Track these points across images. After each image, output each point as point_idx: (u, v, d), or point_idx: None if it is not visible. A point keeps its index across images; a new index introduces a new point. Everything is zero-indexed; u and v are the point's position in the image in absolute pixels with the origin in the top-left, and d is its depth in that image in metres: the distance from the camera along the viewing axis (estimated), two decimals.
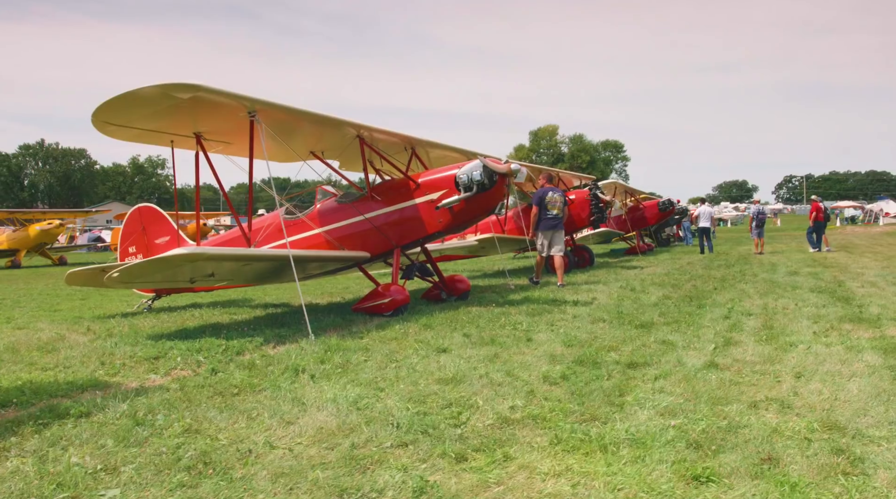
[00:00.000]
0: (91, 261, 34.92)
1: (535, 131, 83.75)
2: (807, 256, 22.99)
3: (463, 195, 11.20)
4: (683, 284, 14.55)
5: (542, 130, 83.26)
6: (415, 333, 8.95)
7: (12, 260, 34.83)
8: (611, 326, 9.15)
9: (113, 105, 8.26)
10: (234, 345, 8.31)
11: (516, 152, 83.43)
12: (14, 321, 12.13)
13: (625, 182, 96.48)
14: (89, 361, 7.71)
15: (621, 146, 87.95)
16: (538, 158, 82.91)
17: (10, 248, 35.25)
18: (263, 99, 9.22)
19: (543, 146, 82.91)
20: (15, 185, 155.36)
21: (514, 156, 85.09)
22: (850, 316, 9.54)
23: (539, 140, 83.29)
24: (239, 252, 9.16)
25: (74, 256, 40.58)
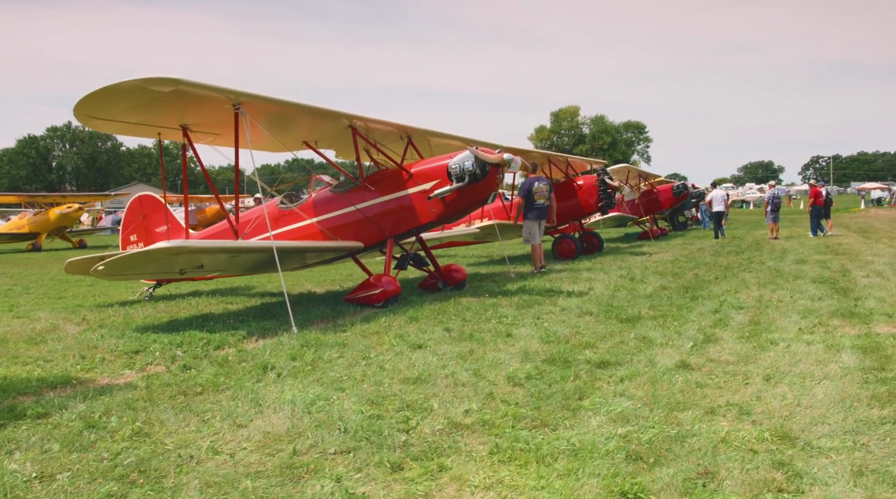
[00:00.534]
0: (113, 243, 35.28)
1: (556, 112, 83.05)
2: (820, 242, 22.61)
3: (455, 186, 11.13)
4: (685, 274, 14.38)
5: (564, 110, 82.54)
6: (398, 326, 8.93)
7: (33, 243, 35.36)
8: (596, 319, 9.06)
9: (94, 99, 8.27)
10: (216, 339, 8.34)
11: (537, 134, 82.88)
12: (16, 309, 12.29)
13: (647, 163, 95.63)
14: (70, 355, 7.78)
15: (643, 127, 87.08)
16: (559, 140, 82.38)
17: (32, 231, 35.76)
18: (248, 91, 9.19)
19: (564, 127, 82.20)
20: (43, 166, 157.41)
21: (534, 137, 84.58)
22: (843, 310, 9.36)
23: (560, 121, 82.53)
24: (222, 245, 9.20)
25: (96, 239, 41.01)
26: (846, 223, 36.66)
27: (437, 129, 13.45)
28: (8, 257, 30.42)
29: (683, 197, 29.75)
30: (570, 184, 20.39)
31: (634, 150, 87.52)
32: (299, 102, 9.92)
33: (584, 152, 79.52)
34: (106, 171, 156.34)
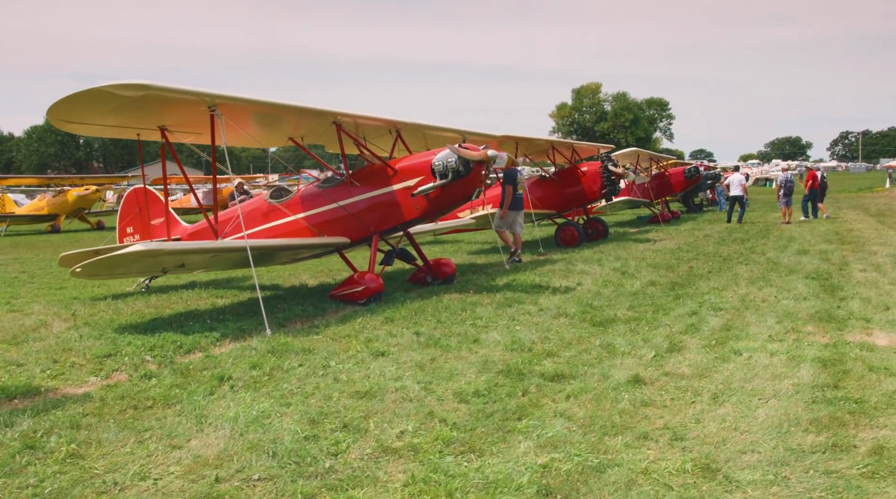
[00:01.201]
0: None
1: (578, 89, 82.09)
2: (829, 229, 22.28)
3: (439, 183, 11.09)
4: (679, 266, 14.27)
5: (585, 87, 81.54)
6: (371, 328, 8.98)
7: (52, 225, 35.91)
8: (570, 322, 9.04)
9: (65, 105, 8.34)
10: (189, 342, 8.44)
11: (558, 111, 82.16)
12: (14, 302, 12.50)
13: (669, 141, 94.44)
14: (43, 359, 7.91)
15: (666, 104, 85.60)
16: (580, 117, 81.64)
17: (51, 212, 36.30)
18: (223, 93, 9.20)
19: (586, 104, 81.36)
20: (71, 144, 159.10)
21: (555, 114, 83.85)
22: (823, 313, 9.25)
23: (581, 98, 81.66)
24: (197, 246, 9.27)
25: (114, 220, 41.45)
26: (865, 205, 36.07)
27: (429, 122, 13.39)
28: (28, 239, 30.94)
29: (695, 180, 29.40)
30: (574, 170, 20.25)
31: (657, 127, 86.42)
32: (277, 102, 9.92)
33: (606, 129, 78.85)
34: (132, 148, 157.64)
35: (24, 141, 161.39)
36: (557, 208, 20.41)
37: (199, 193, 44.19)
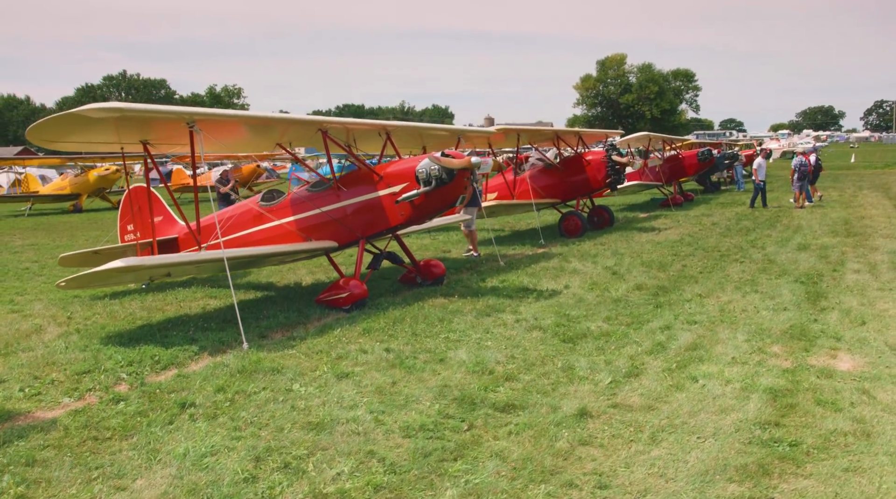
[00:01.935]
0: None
1: (603, 61, 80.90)
2: (839, 217, 22.01)
3: (422, 190, 11.18)
4: (673, 265, 14.26)
5: (610, 59, 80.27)
6: (346, 341, 9.18)
7: (74, 204, 36.59)
8: (541, 337, 9.14)
9: (44, 128, 8.55)
10: (167, 356, 8.70)
11: (582, 83, 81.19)
12: (17, 300, 12.88)
13: (695, 112, 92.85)
14: (25, 375, 8.20)
15: (692, 75, 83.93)
16: (605, 89, 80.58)
17: (73, 192, 36.98)
18: (200, 110, 9.34)
19: (611, 76, 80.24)
20: None
21: (580, 86, 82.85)
22: (797, 328, 9.27)
23: (606, 70, 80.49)
24: (173, 260, 9.48)
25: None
26: (888, 184, 35.49)
27: (421, 123, 13.43)
28: (49, 221, 31.59)
29: (709, 163, 29.09)
30: (578, 159, 20.19)
31: (682, 98, 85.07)
32: (257, 115, 10.07)
33: (630, 101, 77.79)
34: None
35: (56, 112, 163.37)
36: (562, 197, 20.40)
37: (216, 172, 44.68)
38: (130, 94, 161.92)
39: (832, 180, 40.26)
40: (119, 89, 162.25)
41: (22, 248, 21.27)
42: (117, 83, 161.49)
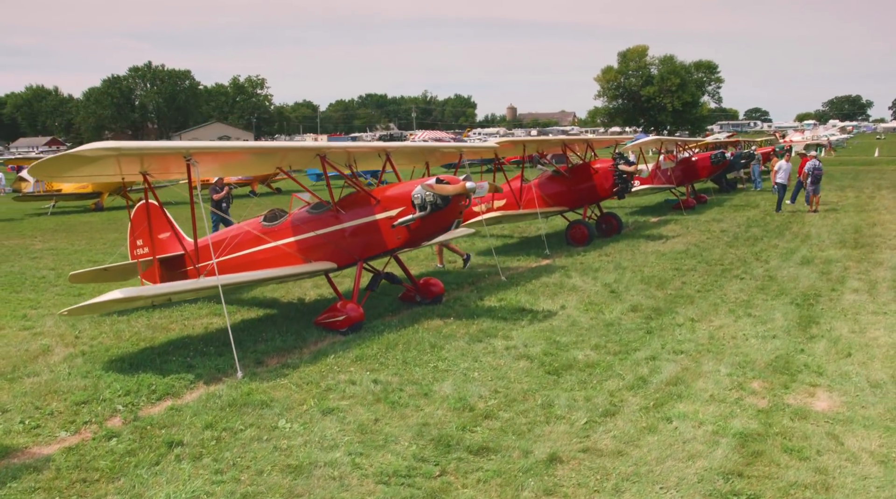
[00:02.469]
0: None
1: (624, 52, 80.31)
2: (851, 224, 21.89)
3: (418, 215, 11.37)
4: (673, 282, 14.35)
5: (631, 50, 79.67)
6: (337, 370, 9.44)
7: (96, 203, 37.24)
8: (528, 368, 9.33)
9: (45, 167, 8.85)
10: (163, 385, 9.00)
11: (604, 75, 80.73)
12: (30, 315, 13.29)
13: (717, 103, 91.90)
14: (27, 405, 8.53)
15: (715, 67, 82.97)
16: (626, 81, 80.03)
17: (95, 190, 37.62)
18: (196, 145, 9.60)
19: (632, 68, 79.64)
20: (126, 106, 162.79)
21: (601, 78, 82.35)
22: (782, 359, 9.38)
23: (628, 61, 79.89)
24: (170, 289, 9.74)
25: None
26: None
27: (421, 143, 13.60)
28: (71, 220, 32.22)
29: (722, 166, 28.98)
30: (586, 167, 20.25)
31: (704, 90, 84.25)
32: (253, 146, 10.29)
33: (652, 93, 77.21)
34: (185, 109, 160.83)
35: (83, 103, 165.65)
36: (570, 205, 20.49)
37: None
38: (155, 85, 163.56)
39: (852, 178, 39.87)
40: (144, 80, 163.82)
41: (41, 252, 21.75)
42: (143, 74, 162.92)
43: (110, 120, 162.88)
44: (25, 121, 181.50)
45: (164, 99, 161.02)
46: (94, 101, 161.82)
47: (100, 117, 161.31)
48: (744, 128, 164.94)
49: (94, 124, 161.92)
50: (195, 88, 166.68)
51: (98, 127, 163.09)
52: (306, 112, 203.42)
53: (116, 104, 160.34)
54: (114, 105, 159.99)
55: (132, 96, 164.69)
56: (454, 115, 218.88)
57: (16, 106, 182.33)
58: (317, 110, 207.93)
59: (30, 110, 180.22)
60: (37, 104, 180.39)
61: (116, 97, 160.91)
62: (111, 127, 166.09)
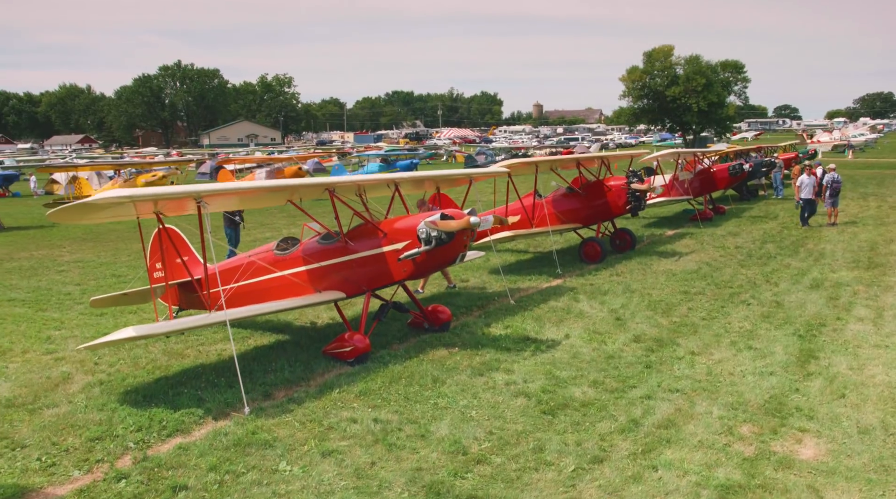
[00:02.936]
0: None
1: (650, 52, 79.82)
2: (867, 241, 21.79)
3: (423, 248, 11.64)
4: (679, 307, 14.51)
5: (657, 50, 79.12)
6: (341, 405, 9.78)
7: None
8: (525, 406, 9.58)
9: (63, 213, 9.27)
10: (174, 420, 9.40)
11: (629, 75, 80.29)
12: (53, 337, 13.81)
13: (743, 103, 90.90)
14: (45, 440, 8.96)
15: (742, 67, 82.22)
16: (651, 81, 79.49)
17: None
18: (208, 188, 9.98)
19: (657, 68, 79.09)
20: (156, 104, 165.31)
21: (626, 78, 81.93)
22: (775, 400, 9.56)
23: (653, 61, 79.37)
24: (180, 325, 10.14)
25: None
26: None
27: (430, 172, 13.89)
28: (99, 227, 32.88)
29: (740, 177, 28.92)
30: (600, 185, 20.41)
31: (731, 90, 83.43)
32: (261, 186, 10.65)
33: (677, 94, 76.67)
34: (213, 107, 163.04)
35: (115, 102, 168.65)
36: (584, 222, 20.67)
37: (263, 172, 45.88)
38: (185, 84, 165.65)
39: (877, 184, 39.50)
40: (174, 79, 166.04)
41: (68, 265, 22.37)
42: (172, 73, 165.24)
43: (141, 118, 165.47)
44: (59, 119, 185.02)
45: (194, 97, 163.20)
46: (126, 100, 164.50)
47: (131, 116, 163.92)
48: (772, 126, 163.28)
49: (125, 123, 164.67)
50: (223, 87, 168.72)
51: (129, 125, 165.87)
52: (333, 110, 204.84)
53: (147, 103, 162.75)
54: (144, 104, 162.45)
55: (162, 95, 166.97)
56: (480, 112, 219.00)
57: (50, 104, 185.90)
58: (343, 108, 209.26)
59: (63, 109, 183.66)
60: (70, 103, 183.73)
61: (147, 96, 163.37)
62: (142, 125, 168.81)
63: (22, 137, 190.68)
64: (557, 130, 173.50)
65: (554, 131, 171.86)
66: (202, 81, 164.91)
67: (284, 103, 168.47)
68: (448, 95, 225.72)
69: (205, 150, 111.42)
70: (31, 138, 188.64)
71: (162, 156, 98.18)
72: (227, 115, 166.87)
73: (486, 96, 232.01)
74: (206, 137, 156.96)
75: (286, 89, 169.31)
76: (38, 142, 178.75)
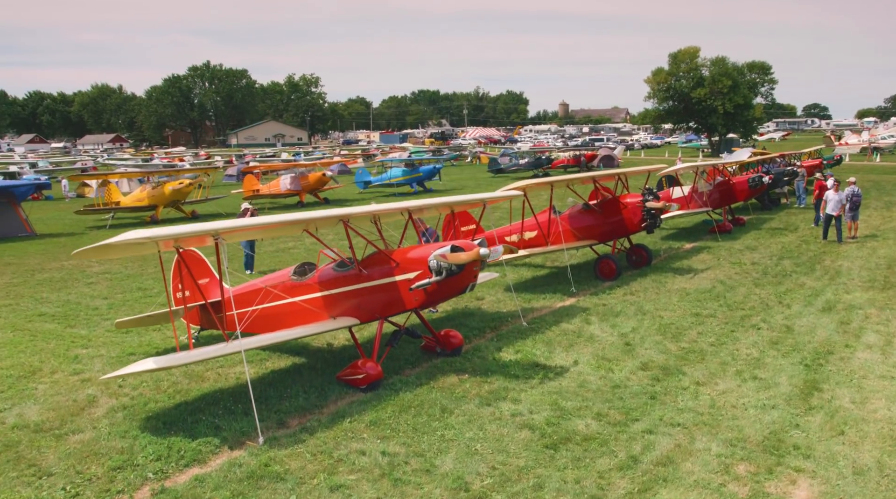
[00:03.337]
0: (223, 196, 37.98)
1: (675, 54, 79.39)
2: (885, 256, 21.74)
3: (434, 279, 11.97)
4: (689, 332, 14.69)
5: (683, 52, 78.63)
6: (351, 436, 10.15)
7: (151, 216, 38.87)
8: (529, 440, 9.87)
9: (88, 253, 9.74)
10: (191, 450, 9.82)
11: (654, 76, 79.93)
12: (80, 356, 14.34)
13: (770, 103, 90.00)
14: (69, 469, 9.42)
15: (768, 68, 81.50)
16: (676, 83, 79.09)
17: (151, 203, 39.32)
18: (225, 226, 10.39)
19: (683, 70, 78.64)
20: (185, 104, 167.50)
21: (651, 80, 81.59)
22: (774, 436, 9.76)
23: (679, 63, 78.91)
24: (198, 357, 10.54)
25: (209, 207, 43.79)
26: None
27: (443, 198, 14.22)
28: None
29: (760, 190, 28.88)
30: (615, 202, 20.60)
31: (757, 92, 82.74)
32: (277, 221, 11.04)
33: (703, 96, 76.21)
34: (241, 107, 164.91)
35: (145, 102, 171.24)
36: (599, 239, 20.88)
37: (287, 177, 46.41)
38: (213, 84, 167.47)
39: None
40: (203, 79, 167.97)
41: (97, 277, 22.98)
42: (201, 73, 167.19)
43: (170, 118, 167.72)
44: (91, 118, 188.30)
45: (222, 97, 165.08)
46: (156, 100, 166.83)
47: (161, 116, 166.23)
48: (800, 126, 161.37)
49: (155, 123, 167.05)
50: (251, 87, 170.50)
51: (159, 125, 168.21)
52: (359, 108, 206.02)
53: (176, 103, 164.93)
54: (174, 104, 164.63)
55: (191, 95, 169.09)
56: (506, 111, 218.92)
57: (82, 104, 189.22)
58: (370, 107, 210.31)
59: (95, 108, 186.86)
60: (102, 102, 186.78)
61: (176, 96, 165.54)
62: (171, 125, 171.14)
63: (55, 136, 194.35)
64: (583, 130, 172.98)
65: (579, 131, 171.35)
66: (230, 81, 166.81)
67: (311, 103, 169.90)
68: (474, 94, 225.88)
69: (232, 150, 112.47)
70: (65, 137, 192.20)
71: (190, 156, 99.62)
72: (255, 115, 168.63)
73: (512, 95, 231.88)
74: (234, 137, 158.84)
75: (313, 89, 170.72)
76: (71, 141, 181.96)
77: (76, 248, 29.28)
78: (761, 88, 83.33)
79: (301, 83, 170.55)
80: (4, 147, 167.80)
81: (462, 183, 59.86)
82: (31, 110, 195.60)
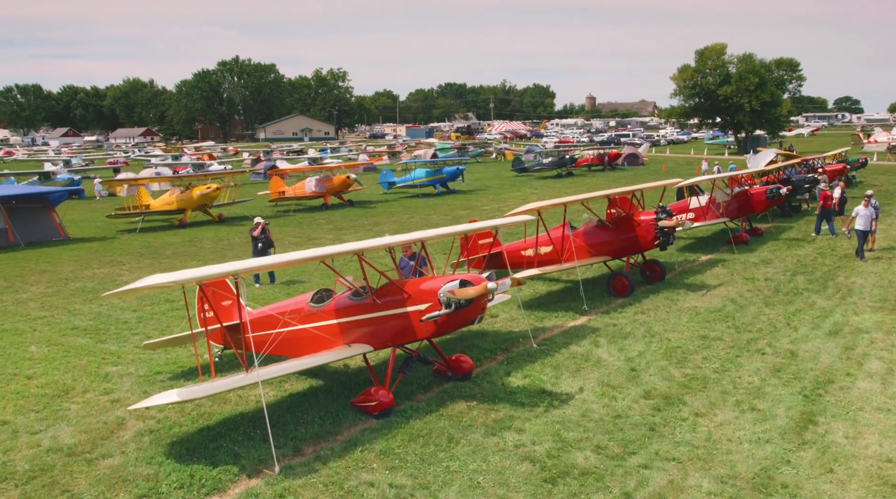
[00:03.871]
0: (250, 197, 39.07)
1: (702, 51, 78.94)
2: None
3: (444, 311, 12.51)
4: (695, 356, 15.08)
5: (709, 49, 78.20)
6: (361, 466, 10.74)
7: (180, 220, 39.87)
8: (529, 473, 10.38)
9: (120, 295, 10.42)
10: (212, 479, 10.46)
11: (680, 74, 79.59)
12: (110, 374, 15.10)
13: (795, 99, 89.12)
14: (98, 495, 10.13)
15: (797, 65, 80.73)
16: (703, 80, 78.69)
17: (179, 207, 40.34)
18: (244, 266, 11.05)
19: (710, 67, 78.22)
20: (215, 99, 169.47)
21: (677, 77, 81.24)
22: (764, 473, 10.14)
23: (705, 60, 78.46)
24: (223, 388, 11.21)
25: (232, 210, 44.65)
26: None
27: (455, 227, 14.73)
28: (157, 240, 34.62)
29: (777, 201, 29.01)
30: (629, 220, 20.97)
31: (785, 89, 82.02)
32: (294, 259, 11.65)
33: (729, 93, 75.78)
34: (269, 102, 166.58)
35: (175, 96, 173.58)
36: (613, 255, 21.28)
37: (312, 180, 47.18)
38: (242, 79, 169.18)
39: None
40: (232, 74, 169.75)
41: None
42: (230, 68, 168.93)
43: (200, 113, 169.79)
44: (123, 112, 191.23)
45: (250, 92, 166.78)
46: (186, 95, 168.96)
47: (190, 110, 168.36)
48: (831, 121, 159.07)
49: (185, 117, 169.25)
50: (279, 82, 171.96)
51: (189, 119, 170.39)
52: (386, 102, 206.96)
53: (206, 97, 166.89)
54: (203, 98, 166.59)
55: (220, 90, 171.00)
56: (532, 105, 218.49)
57: (115, 98, 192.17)
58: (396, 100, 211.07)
59: (127, 102, 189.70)
60: (133, 96, 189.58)
61: (206, 90, 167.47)
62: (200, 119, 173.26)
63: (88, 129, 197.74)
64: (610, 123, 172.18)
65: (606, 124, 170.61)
66: (259, 76, 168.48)
67: (338, 97, 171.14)
68: (500, 87, 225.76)
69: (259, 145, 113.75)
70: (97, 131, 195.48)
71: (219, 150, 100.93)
72: (283, 110, 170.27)
73: (539, 88, 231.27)
74: (262, 131, 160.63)
75: (340, 83, 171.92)
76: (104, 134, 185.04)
77: (108, 253, 30.72)
78: (789, 85, 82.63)
79: (328, 78, 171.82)
80: (39, 140, 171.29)
81: (485, 183, 60.28)
82: (66, 104, 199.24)
